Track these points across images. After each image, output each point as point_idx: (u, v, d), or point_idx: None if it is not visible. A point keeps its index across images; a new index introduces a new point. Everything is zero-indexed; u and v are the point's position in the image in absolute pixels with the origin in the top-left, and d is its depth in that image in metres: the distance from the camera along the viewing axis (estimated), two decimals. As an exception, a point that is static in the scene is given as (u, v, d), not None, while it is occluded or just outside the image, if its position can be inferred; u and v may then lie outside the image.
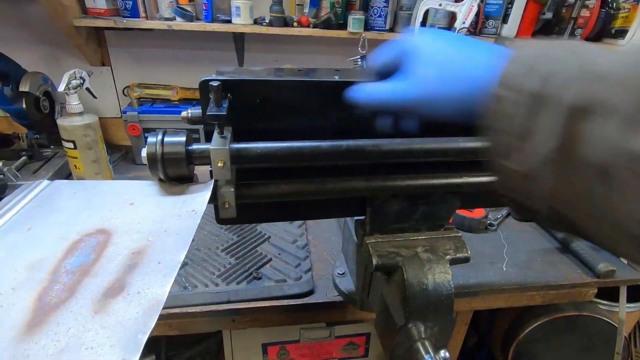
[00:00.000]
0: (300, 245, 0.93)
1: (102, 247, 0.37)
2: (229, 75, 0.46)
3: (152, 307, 0.31)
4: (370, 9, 1.30)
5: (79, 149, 1.02)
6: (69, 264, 0.36)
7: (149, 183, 0.46)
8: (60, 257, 0.36)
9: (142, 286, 0.33)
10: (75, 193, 0.45)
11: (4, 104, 1.16)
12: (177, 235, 0.38)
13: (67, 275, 0.34)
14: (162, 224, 0.40)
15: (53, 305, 0.31)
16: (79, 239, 0.38)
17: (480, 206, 0.98)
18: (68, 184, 0.47)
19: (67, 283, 0.33)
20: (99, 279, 0.34)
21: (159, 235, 0.38)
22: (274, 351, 0.92)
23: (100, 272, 0.35)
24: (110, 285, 0.34)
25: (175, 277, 0.34)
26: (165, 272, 0.34)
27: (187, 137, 0.44)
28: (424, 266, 0.53)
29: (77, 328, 0.30)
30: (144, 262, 0.36)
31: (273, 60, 1.46)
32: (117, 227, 0.40)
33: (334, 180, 0.49)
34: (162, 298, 0.32)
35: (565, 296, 0.89)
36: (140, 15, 1.23)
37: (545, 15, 1.33)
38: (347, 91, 0.44)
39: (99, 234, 0.39)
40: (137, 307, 0.31)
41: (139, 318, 0.31)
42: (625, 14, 1.40)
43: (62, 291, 0.33)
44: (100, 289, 0.33)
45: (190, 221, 0.40)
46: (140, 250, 0.37)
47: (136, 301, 0.32)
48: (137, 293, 0.33)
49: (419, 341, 0.51)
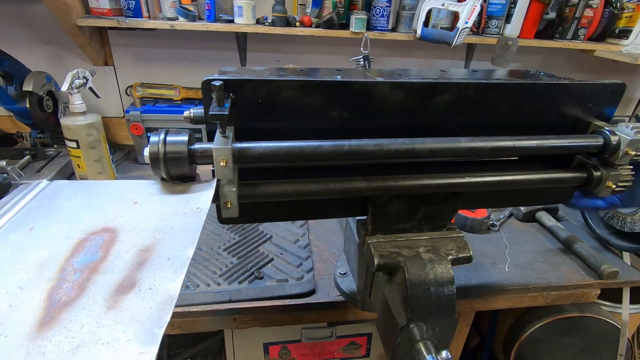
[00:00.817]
0: (302, 245, 0.93)
1: (108, 245, 0.37)
2: (232, 75, 0.46)
3: (166, 302, 0.32)
4: (372, 9, 1.30)
5: (82, 148, 1.03)
6: (76, 262, 0.36)
7: (151, 182, 0.46)
8: (67, 255, 0.36)
9: (153, 282, 0.33)
10: (75, 193, 0.45)
11: (8, 103, 1.17)
12: (183, 232, 0.39)
13: (75, 273, 0.34)
14: (167, 222, 0.40)
15: (64, 303, 0.32)
16: (84, 237, 0.38)
17: (483, 206, 0.98)
18: (68, 184, 0.47)
19: (76, 281, 0.34)
20: (108, 276, 0.34)
21: (165, 233, 0.39)
22: (275, 351, 0.92)
23: (109, 269, 0.35)
24: (121, 282, 0.34)
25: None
26: (175, 267, 0.35)
27: (190, 137, 0.44)
28: (425, 266, 0.52)
29: (91, 324, 0.30)
30: (153, 258, 0.36)
31: (275, 60, 1.46)
32: (123, 226, 0.40)
33: (335, 180, 0.49)
34: (175, 293, 0.32)
35: (567, 297, 0.89)
36: (143, 15, 1.23)
37: (548, 15, 1.33)
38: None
39: (104, 232, 0.39)
40: (151, 302, 0.32)
41: (153, 313, 0.31)
42: (629, 14, 1.39)
43: (72, 289, 0.33)
44: (111, 285, 0.33)
45: (195, 218, 0.40)
46: (148, 247, 0.37)
47: (149, 297, 0.32)
48: (149, 289, 0.33)
49: (421, 341, 0.50)
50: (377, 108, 0.50)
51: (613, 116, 0.59)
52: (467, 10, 1.20)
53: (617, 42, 1.45)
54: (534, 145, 0.53)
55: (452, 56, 1.53)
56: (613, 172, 0.56)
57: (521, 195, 0.66)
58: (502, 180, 0.54)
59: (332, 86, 0.47)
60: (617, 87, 0.56)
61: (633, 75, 1.69)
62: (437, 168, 0.55)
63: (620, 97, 0.57)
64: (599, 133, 0.56)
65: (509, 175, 0.55)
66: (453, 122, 0.54)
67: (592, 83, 0.55)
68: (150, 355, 0.28)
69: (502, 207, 1.14)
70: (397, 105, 0.50)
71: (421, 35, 1.29)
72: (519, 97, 0.54)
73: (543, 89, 0.54)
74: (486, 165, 0.60)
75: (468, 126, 0.54)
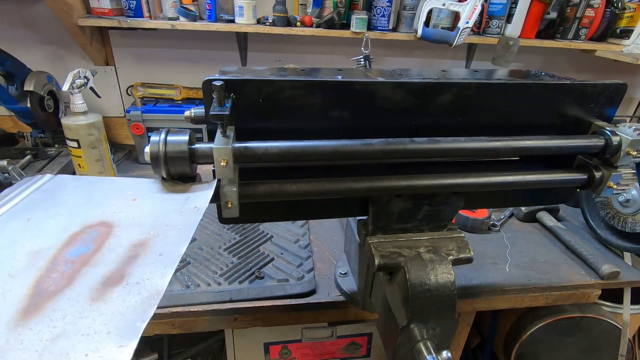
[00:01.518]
0: (303, 244, 0.93)
1: (103, 239, 0.38)
2: (232, 75, 0.46)
3: (152, 297, 0.32)
4: (373, 9, 1.30)
5: (82, 148, 1.03)
6: (69, 253, 0.36)
7: (152, 180, 0.46)
8: (60, 247, 0.37)
9: (142, 276, 0.34)
10: (77, 187, 0.45)
11: (9, 103, 1.17)
12: (178, 229, 0.39)
13: (66, 264, 0.35)
14: (164, 219, 0.40)
15: (50, 293, 0.32)
16: (79, 230, 0.39)
17: (484, 207, 0.98)
18: (71, 178, 0.48)
19: (66, 272, 0.34)
20: (98, 268, 0.34)
21: (160, 229, 0.39)
22: (275, 350, 0.92)
23: (100, 262, 0.35)
24: (110, 274, 0.34)
25: (178, 276, 0.34)
26: (166, 263, 0.35)
27: (190, 136, 0.44)
28: (426, 266, 0.52)
29: (74, 315, 0.30)
30: (145, 253, 0.36)
31: (276, 60, 1.46)
32: (120, 221, 0.40)
33: (336, 180, 0.49)
34: (162, 288, 0.33)
35: (568, 297, 0.89)
36: (144, 15, 1.23)
37: (549, 15, 1.32)
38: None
39: (100, 226, 0.39)
40: (136, 296, 0.32)
41: (137, 307, 0.31)
42: (631, 14, 1.39)
43: (60, 279, 0.33)
44: (99, 278, 0.33)
45: (192, 217, 0.41)
46: (142, 242, 0.37)
47: (135, 290, 0.32)
48: (137, 283, 0.33)
49: (421, 342, 0.50)
50: (378, 108, 0.50)
51: (614, 116, 0.59)
52: (468, 10, 1.20)
53: (618, 42, 1.45)
54: (534, 145, 0.53)
55: (452, 56, 1.53)
56: (614, 172, 0.56)
57: (522, 195, 0.66)
58: (503, 180, 0.54)
59: (333, 86, 0.47)
60: (618, 87, 0.56)
61: (634, 75, 1.69)
62: (438, 168, 0.55)
63: (621, 97, 0.57)
64: (600, 133, 0.56)
65: (509, 176, 0.55)
66: (454, 122, 0.54)
67: (593, 83, 0.55)
68: (129, 349, 0.28)
69: (503, 207, 1.13)
70: (398, 105, 0.50)
71: (422, 35, 1.29)
72: (520, 97, 0.54)
73: (544, 89, 0.54)
74: (487, 166, 0.60)
75: (469, 126, 0.54)
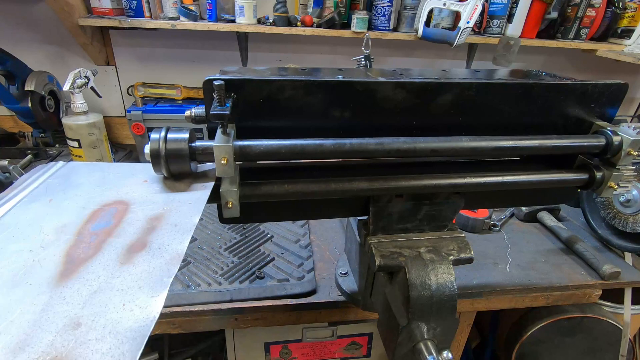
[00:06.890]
0: (303, 244, 0.93)
1: (121, 215, 0.41)
2: (233, 75, 0.46)
3: (173, 258, 0.36)
4: (374, 9, 1.30)
5: (83, 148, 1.03)
6: (92, 227, 0.40)
7: None
8: (84, 222, 0.40)
9: (162, 243, 0.37)
10: (90, 172, 0.49)
11: (10, 103, 1.17)
12: (189, 204, 0.43)
13: (91, 236, 0.38)
14: (175, 196, 0.44)
15: (82, 259, 0.36)
16: (99, 208, 0.42)
17: (484, 206, 0.98)
18: (83, 164, 0.51)
19: (92, 242, 0.38)
20: (121, 238, 0.38)
21: (173, 205, 0.43)
22: (276, 350, 0.92)
23: (122, 233, 0.39)
24: (133, 243, 0.38)
25: (179, 275, 0.36)
26: (182, 231, 0.39)
27: (191, 134, 0.44)
28: (427, 267, 0.52)
29: (107, 276, 0.34)
30: (162, 225, 0.40)
31: (276, 60, 1.46)
32: (134, 199, 0.44)
33: (337, 180, 0.49)
34: (182, 252, 0.37)
35: (569, 298, 0.88)
36: (145, 15, 1.23)
37: (550, 14, 1.32)
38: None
39: (117, 204, 0.43)
40: (160, 258, 0.36)
41: (162, 266, 0.35)
42: (632, 14, 1.39)
43: (89, 248, 0.37)
44: (124, 246, 0.37)
45: (201, 193, 0.44)
46: (158, 216, 0.41)
47: (158, 254, 0.36)
48: (159, 249, 0.37)
49: (422, 342, 0.50)
50: (379, 108, 0.50)
51: (615, 116, 0.59)
52: (469, 10, 1.20)
53: (619, 42, 1.44)
54: (535, 145, 0.53)
55: (453, 56, 1.53)
56: (615, 172, 0.56)
57: (523, 195, 0.66)
58: (504, 180, 0.54)
59: (333, 86, 0.47)
60: (619, 87, 0.56)
61: (635, 75, 1.69)
62: (438, 168, 0.55)
63: (622, 97, 0.57)
64: (601, 133, 0.56)
65: (510, 176, 0.55)
66: (455, 122, 0.54)
67: (594, 83, 0.55)
68: (160, 298, 0.31)
69: (504, 207, 1.13)
70: (399, 105, 0.50)
71: (423, 35, 1.29)
72: (521, 97, 0.54)
73: (545, 89, 0.54)
74: (488, 165, 0.60)
75: (470, 126, 0.54)
